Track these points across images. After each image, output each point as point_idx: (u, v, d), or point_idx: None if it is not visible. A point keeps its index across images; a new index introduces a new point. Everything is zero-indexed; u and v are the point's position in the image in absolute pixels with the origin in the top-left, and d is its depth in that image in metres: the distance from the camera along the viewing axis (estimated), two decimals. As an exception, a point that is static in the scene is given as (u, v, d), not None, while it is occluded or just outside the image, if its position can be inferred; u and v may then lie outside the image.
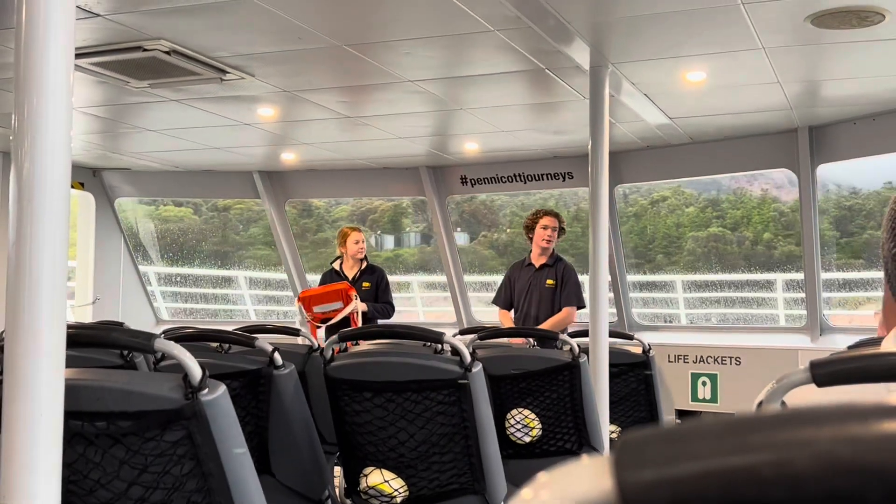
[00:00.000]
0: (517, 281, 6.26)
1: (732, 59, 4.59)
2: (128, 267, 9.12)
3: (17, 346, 1.56)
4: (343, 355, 2.89)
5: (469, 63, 4.77)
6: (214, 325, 9.26)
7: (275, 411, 2.84)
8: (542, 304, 6.09)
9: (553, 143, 6.88)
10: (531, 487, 0.39)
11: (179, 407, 1.65)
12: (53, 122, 1.60)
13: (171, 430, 1.67)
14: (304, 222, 13.55)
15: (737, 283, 11.31)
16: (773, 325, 10.25)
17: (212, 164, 8.18)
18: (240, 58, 4.67)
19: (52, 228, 1.58)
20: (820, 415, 0.36)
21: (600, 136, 4.70)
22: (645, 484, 0.35)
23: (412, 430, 2.77)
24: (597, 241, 4.69)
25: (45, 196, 1.58)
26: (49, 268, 1.58)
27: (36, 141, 1.59)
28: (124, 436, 1.69)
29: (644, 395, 4.81)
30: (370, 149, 7.24)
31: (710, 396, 6.95)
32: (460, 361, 2.73)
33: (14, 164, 1.59)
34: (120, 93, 5.40)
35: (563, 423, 3.74)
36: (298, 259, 8.70)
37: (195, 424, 1.66)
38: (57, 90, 1.60)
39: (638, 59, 4.65)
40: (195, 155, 7.63)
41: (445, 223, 8.05)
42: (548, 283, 6.10)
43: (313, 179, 8.37)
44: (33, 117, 1.59)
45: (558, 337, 3.92)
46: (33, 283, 1.57)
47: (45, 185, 1.58)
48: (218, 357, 3.06)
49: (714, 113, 5.90)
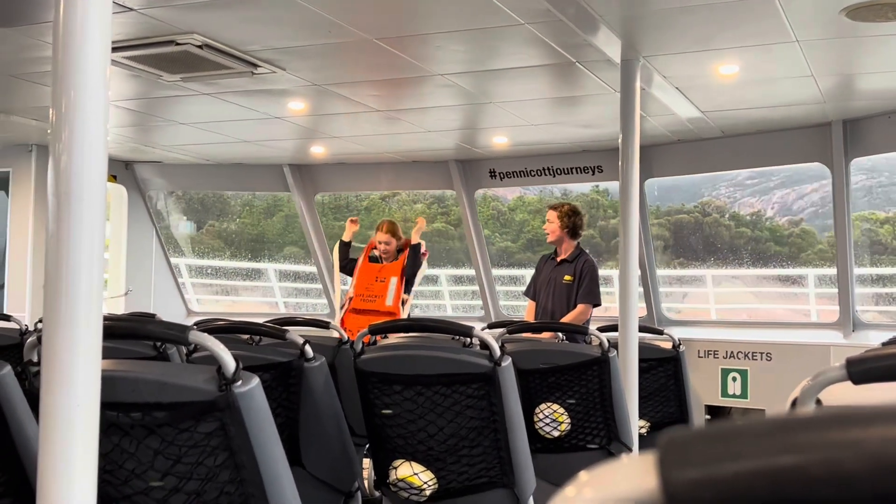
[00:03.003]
0: (541, 273, 6.23)
1: (766, 52, 4.54)
2: (159, 259, 9.21)
3: (55, 337, 1.58)
4: (373, 348, 2.90)
5: (499, 56, 4.76)
6: (244, 318, 9.33)
7: (305, 403, 2.87)
8: (558, 299, 6.03)
9: (582, 136, 6.85)
10: (574, 485, 0.39)
11: (213, 399, 1.67)
12: (91, 115, 1.61)
13: (205, 421, 1.69)
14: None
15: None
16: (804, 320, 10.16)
17: (242, 158, 8.23)
18: (271, 51, 4.69)
19: (90, 221, 1.60)
20: (868, 414, 0.35)
21: (631, 129, 4.68)
22: (691, 483, 0.35)
23: (441, 424, 2.78)
24: (627, 235, 4.68)
25: (82, 189, 1.60)
26: (87, 261, 1.59)
27: (74, 134, 1.60)
28: (159, 426, 1.71)
29: (674, 390, 4.78)
30: (400, 142, 7.25)
31: (740, 392, 6.90)
32: (490, 355, 2.73)
33: (52, 158, 1.60)
34: (153, 86, 5.45)
35: (591, 418, 3.73)
36: (328, 252, 8.74)
37: (229, 416, 1.67)
38: (94, 84, 1.62)
39: (670, 52, 4.61)
40: (226, 148, 7.69)
41: (474, 217, 8.05)
42: (565, 278, 6.03)
43: (342, 173, 8.40)
44: (71, 111, 1.60)
45: (588, 331, 3.90)
46: (71, 276, 1.59)
47: (83, 178, 1.60)
48: (249, 349, 3.09)
49: (747, 106, 5.84)
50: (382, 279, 6.48)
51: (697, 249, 13.49)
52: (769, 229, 15.71)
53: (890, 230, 14.47)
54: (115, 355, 2.37)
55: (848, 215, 6.44)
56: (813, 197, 15.68)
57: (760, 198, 16.20)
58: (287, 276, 11.79)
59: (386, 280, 6.47)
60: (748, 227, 15.63)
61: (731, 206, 15.70)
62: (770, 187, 16.09)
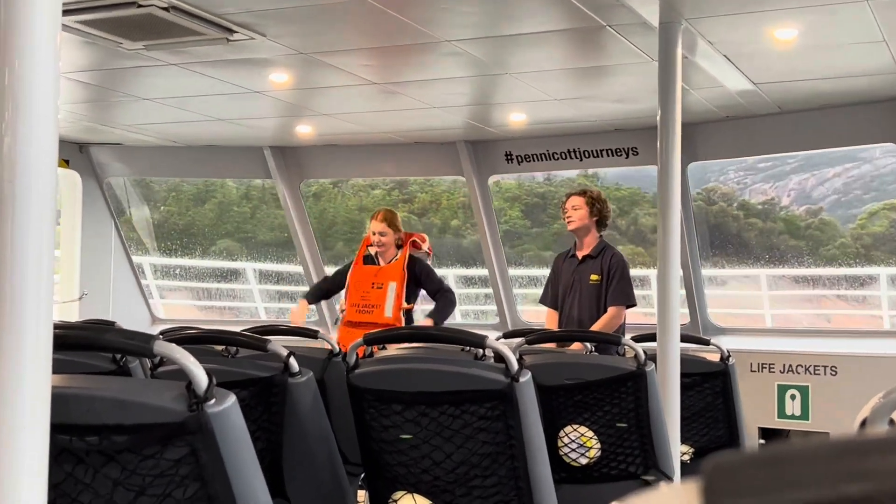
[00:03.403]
0: (561, 275, 6.22)
1: (830, 13, 4.53)
2: (119, 257, 9.24)
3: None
4: (369, 361, 2.91)
5: (517, 20, 4.76)
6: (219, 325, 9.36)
7: (290, 425, 2.87)
8: (586, 303, 6.01)
9: (614, 113, 6.85)
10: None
11: (182, 420, 1.67)
12: (39, 89, 1.61)
13: (173, 446, 1.69)
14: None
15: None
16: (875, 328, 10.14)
17: (215, 139, 8.26)
18: (249, 14, 4.70)
19: (39, 213, 1.60)
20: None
21: (671, 104, 4.68)
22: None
23: (449, 450, 2.78)
24: (667, 228, 4.67)
25: (29, 176, 1.59)
26: (34, 260, 1.59)
27: (19, 112, 1.60)
28: (119, 452, 1.71)
29: (722, 410, 4.78)
30: (400, 120, 7.26)
31: (800, 412, 6.90)
32: (506, 369, 2.73)
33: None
34: (111, 55, 5.47)
35: (626, 443, 3.73)
36: (316, 249, 8.76)
37: (200, 440, 1.68)
38: (42, 53, 1.61)
39: (717, 13, 4.61)
40: (196, 128, 7.71)
41: (487, 208, 8.06)
42: (592, 278, 6.02)
43: (333, 156, 8.42)
44: (15, 84, 1.60)
45: (621, 341, 3.90)
46: (15, 278, 1.58)
47: (30, 162, 1.60)
48: (224, 362, 3.09)
49: (807, 77, 5.83)
50: (380, 285, 6.35)
51: (707, 245, 13.64)
52: (783, 220, 15.69)
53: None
54: (68, 369, 2.38)
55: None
56: (835, 183, 15.61)
57: (774, 184, 16.09)
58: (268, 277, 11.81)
59: (384, 286, 6.35)
60: (759, 217, 15.62)
61: (742, 192, 15.66)
62: (786, 171, 15.99)
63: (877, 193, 13.95)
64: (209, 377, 1.69)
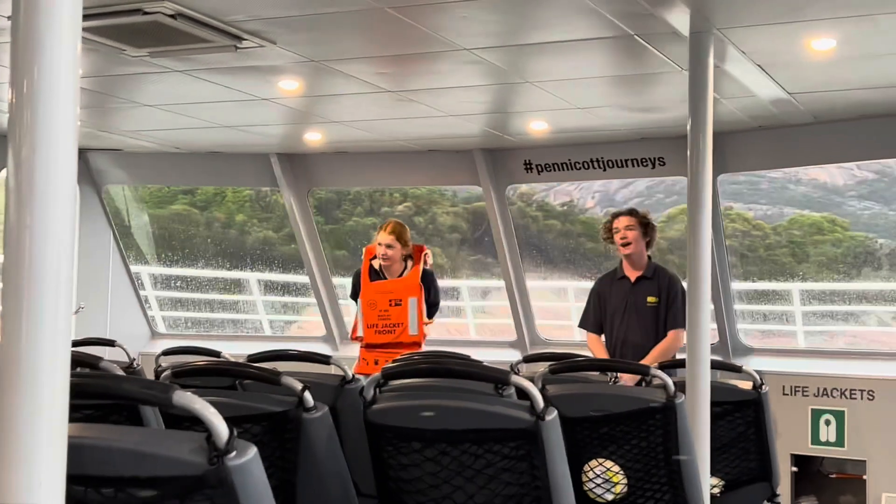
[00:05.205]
0: (609, 297, 6.26)
1: (870, 23, 4.56)
2: (117, 267, 9.29)
3: (13, 396, 1.59)
4: (387, 396, 2.93)
5: (540, 28, 4.79)
6: (222, 340, 9.40)
7: (304, 463, 2.89)
8: (643, 326, 6.06)
9: (641, 122, 6.87)
10: None
11: (202, 473, 1.70)
12: (59, 97, 1.60)
13: (192, 500, 1.71)
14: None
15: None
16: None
17: (220, 146, 8.30)
18: (259, 22, 4.73)
19: (57, 225, 1.57)
20: None
21: (702, 114, 4.69)
22: None
23: (471, 490, 2.80)
24: (697, 243, 4.66)
25: (48, 185, 1.58)
26: (52, 284, 1.59)
27: (37, 120, 1.60)
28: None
29: (754, 440, 4.78)
30: (413, 128, 7.29)
31: (835, 439, 6.90)
32: (531, 407, 2.75)
33: (11, 148, 1.60)
34: (113, 62, 5.51)
35: (654, 478, 3.74)
36: (323, 260, 8.78)
37: (220, 495, 1.70)
38: (62, 60, 1.61)
39: (750, 23, 4.63)
40: (201, 134, 7.75)
41: (504, 218, 8.08)
42: (649, 300, 6.08)
43: (343, 164, 8.45)
44: (34, 92, 1.60)
45: (649, 371, 3.92)
46: (34, 292, 1.55)
47: (49, 171, 1.58)
48: (235, 395, 3.12)
49: (845, 87, 5.85)
50: (398, 301, 6.29)
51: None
52: (583, 222, 15.79)
53: None
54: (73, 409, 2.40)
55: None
56: (639, 186, 15.67)
57: (578, 185, 16.20)
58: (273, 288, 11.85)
59: (402, 302, 6.29)
60: (558, 219, 15.72)
61: (547, 193, 15.75)
62: (594, 174, 16.42)
63: (678, 197, 14.18)
64: (230, 429, 1.71)
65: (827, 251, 14.53)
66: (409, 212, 14.40)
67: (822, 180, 15.41)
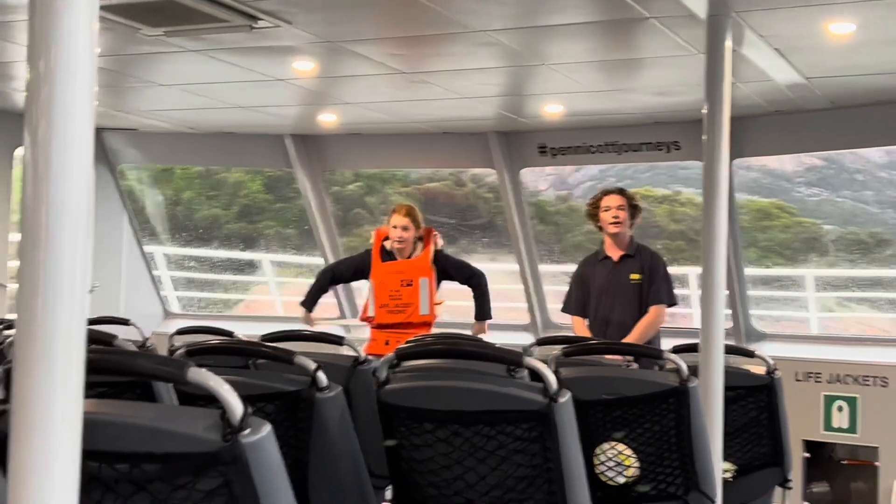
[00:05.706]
0: (593, 279, 6.23)
1: (890, 7, 4.52)
2: (131, 247, 9.31)
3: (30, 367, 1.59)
4: (400, 377, 2.93)
5: (557, 10, 4.77)
6: (234, 321, 9.43)
7: (317, 442, 2.90)
8: (626, 304, 6.05)
9: (656, 105, 6.84)
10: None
11: (216, 450, 1.70)
12: (76, 76, 1.60)
13: (206, 476, 1.72)
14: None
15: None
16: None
17: (235, 126, 8.30)
18: (274, 2, 4.73)
19: (73, 205, 1.57)
20: None
21: (718, 98, 4.66)
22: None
23: (483, 472, 2.80)
24: (712, 228, 4.64)
25: (64, 164, 1.58)
26: (69, 265, 1.59)
27: (54, 99, 1.60)
28: (150, 482, 1.74)
29: (766, 425, 4.76)
30: (428, 110, 7.28)
31: (847, 425, 6.88)
32: (544, 389, 2.74)
33: (27, 127, 1.60)
34: (129, 41, 5.51)
35: (666, 461, 3.74)
36: (337, 242, 8.79)
37: (234, 471, 1.71)
38: (79, 39, 1.61)
39: (768, 6, 4.60)
40: (215, 114, 7.76)
41: (518, 201, 8.07)
42: (632, 278, 6.07)
43: (357, 145, 8.44)
44: (50, 71, 1.60)
45: (663, 355, 3.91)
46: (50, 284, 1.59)
47: (66, 150, 1.59)
48: (248, 374, 3.13)
49: (862, 72, 5.82)
50: (409, 282, 6.32)
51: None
52: (534, 204, 15.85)
53: None
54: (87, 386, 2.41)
55: None
56: (591, 170, 15.63)
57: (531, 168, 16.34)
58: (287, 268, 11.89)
59: (413, 282, 6.33)
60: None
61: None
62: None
63: (630, 182, 14.09)
64: (245, 407, 1.72)
65: (775, 237, 14.57)
66: (360, 192, 14.23)
67: (772, 167, 15.34)
